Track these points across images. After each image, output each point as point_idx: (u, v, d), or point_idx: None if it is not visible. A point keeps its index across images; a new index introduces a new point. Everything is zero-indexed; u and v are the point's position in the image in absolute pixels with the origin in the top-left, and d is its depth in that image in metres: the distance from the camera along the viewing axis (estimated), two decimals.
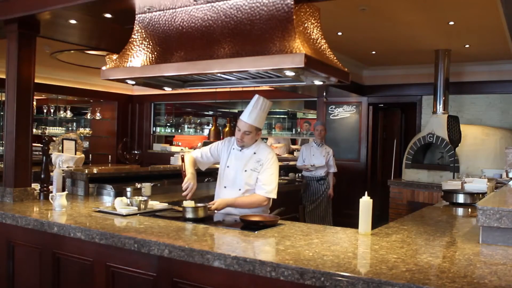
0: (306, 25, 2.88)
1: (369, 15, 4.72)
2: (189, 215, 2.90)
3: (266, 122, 10.95)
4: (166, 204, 3.43)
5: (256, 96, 3.19)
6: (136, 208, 3.11)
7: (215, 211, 3.13)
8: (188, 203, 2.99)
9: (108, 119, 10.44)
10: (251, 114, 3.13)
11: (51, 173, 3.70)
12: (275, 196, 3.18)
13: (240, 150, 3.25)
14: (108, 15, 3.58)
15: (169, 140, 11.31)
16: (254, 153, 3.22)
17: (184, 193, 3.12)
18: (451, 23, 4.93)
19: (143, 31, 3.31)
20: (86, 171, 4.06)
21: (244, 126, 3.14)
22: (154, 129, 10.80)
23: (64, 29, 4.10)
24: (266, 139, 9.91)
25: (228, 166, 3.27)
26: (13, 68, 3.58)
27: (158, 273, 2.36)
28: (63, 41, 4.69)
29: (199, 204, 3.01)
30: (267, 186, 3.15)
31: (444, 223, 3.11)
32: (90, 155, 9.61)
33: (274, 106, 10.72)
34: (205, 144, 10.11)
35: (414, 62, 7.18)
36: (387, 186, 6.86)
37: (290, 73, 2.84)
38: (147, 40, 3.26)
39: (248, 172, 3.19)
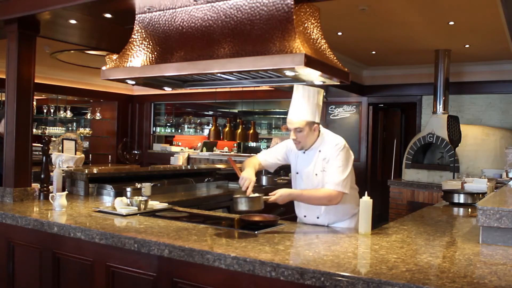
0: (306, 25, 2.88)
1: (369, 15, 4.72)
2: (242, 207, 2.54)
3: (266, 122, 10.98)
4: (166, 204, 3.43)
5: (294, 85, 2.85)
6: (136, 208, 3.11)
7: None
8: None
9: (108, 119, 10.45)
10: (296, 107, 2.79)
11: (51, 173, 3.70)
12: (345, 190, 2.70)
13: (304, 153, 2.90)
14: (108, 15, 3.58)
15: (169, 140, 11.32)
16: (319, 151, 2.83)
17: (243, 188, 2.68)
18: (451, 23, 4.93)
19: (143, 31, 3.31)
20: (86, 171, 4.05)
21: (292, 124, 2.78)
22: (154, 129, 10.81)
23: (64, 29, 4.10)
24: (271, 139, 9.86)
25: (297, 173, 2.96)
26: (13, 68, 3.58)
27: (158, 273, 2.36)
28: (63, 41, 4.69)
29: (252, 194, 2.60)
30: (333, 178, 2.70)
31: (444, 223, 3.11)
32: (90, 155, 9.62)
33: (274, 106, 10.73)
34: (205, 144, 10.15)
35: (414, 62, 7.18)
36: (387, 186, 6.86)
37: (290, 73, 2.84)
38: (147, 40, 3.26)
39: (319, 175, 2.82)
